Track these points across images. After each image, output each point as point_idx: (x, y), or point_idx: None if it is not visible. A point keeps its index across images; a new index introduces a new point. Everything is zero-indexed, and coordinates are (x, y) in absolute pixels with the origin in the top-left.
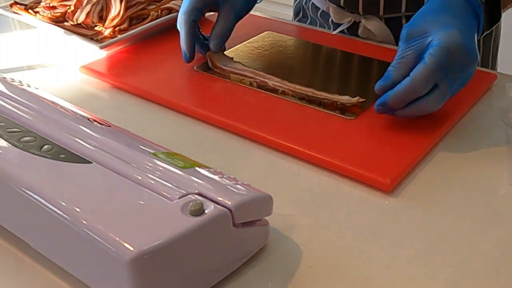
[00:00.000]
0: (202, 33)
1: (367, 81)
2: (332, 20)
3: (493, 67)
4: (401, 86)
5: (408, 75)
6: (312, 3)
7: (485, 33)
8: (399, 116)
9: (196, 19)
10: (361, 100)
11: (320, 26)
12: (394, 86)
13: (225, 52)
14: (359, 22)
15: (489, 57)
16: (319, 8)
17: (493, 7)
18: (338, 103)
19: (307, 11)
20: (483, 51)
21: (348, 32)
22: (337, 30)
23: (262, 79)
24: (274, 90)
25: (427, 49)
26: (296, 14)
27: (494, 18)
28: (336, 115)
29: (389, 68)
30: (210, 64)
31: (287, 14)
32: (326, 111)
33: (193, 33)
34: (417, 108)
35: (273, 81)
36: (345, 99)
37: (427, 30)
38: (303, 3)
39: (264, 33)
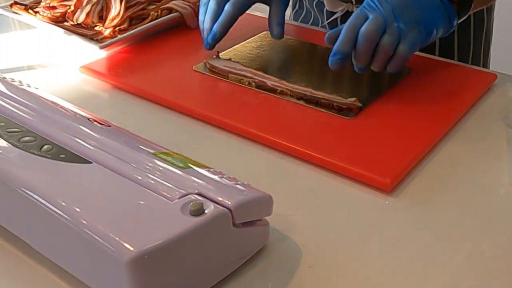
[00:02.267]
0: None
1: (365, 80)
2: (326, 10)
3: (485, 62)
4: (358, 42)
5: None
6: None
7: (461, 19)
8: (378, 69)
9: (244, 8)
10: (358, 104)
11: (314, 18)
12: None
13: (223, 52)
14: (352, 11)
15: (481, 52)
16: None
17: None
18: (334, 103)
19: (304, 2)
20: (473, 47)
21: (341, 21)
22: (331, 19)
23: (261, 79)
24: (272, 90)
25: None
26: (293, 7)
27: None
28: (336, 115)
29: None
30: (208, 66)
31: (288, 14)
32: (322, 110)
33: (232, 20)
34: (381, 54)
35: (271, 81)
36: (342, 99)
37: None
38: None
39: (263, 33)
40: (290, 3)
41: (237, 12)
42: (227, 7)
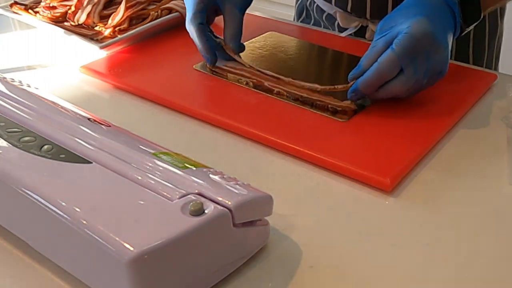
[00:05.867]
0: (216, 35)
1: None
2: (338, 23)
3: (496, 66)
4: (369, 71)
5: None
6: (317, 5)
7: (464, 32)
8: (372, 99)
9: (202, 22)
10: (353, 107)
11: (325, 28)
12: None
13: None
14: (367, 26)
15: (493, 57)
16: (324, 11)
17: (473, 6)
18: (329, 105)
19: (311, 13)
20: (488, 52)
21: (355, 35)
22: (344, 34)
23: (258, 79)
24: (269, 91)
25: (396, 37)
26: (299, 15)
27: (473, 16)
28: (330, 117)
29: (362, 58)
30: (208, 65)
31: (288, 14)
32: (317, 112)
33: (205, 36)
34: (385, 91)
35: (268, 82)
36: (337, 101)
37: (398, 21)
38: (307, 4)
39: (267, 33)
40: (295, 11)
41: (200, 32)
42: (192, 36)
